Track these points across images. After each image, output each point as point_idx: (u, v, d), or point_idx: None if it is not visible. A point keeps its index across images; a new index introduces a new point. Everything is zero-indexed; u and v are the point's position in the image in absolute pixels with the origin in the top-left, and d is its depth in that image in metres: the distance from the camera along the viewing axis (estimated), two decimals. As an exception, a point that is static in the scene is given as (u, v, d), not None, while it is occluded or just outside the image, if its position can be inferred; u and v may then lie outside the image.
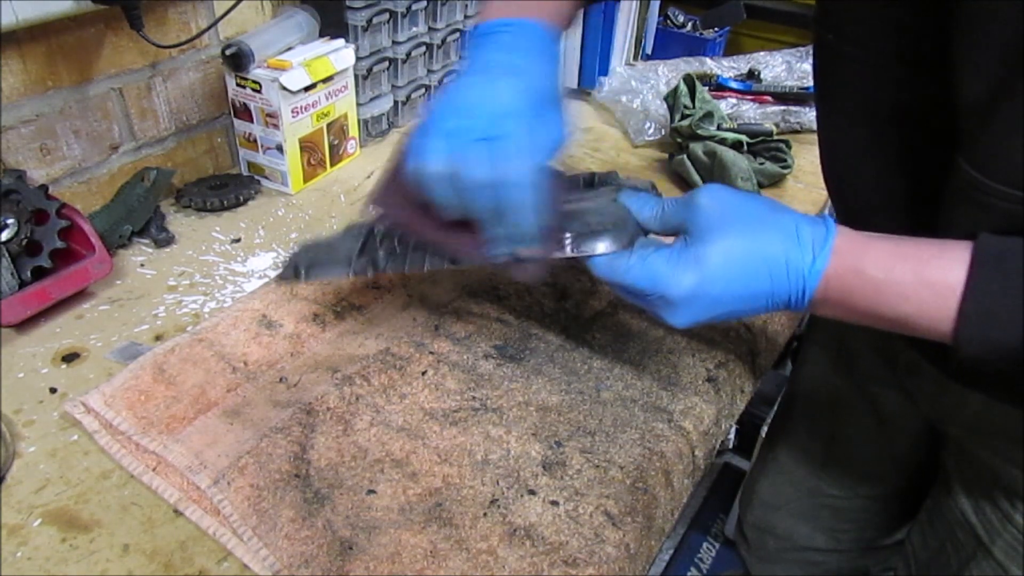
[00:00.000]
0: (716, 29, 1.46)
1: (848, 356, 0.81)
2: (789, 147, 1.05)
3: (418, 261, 0.60)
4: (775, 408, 1.01)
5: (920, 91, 0.49)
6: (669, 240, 0.52)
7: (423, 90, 1.19)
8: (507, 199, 0.49)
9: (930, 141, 0.49)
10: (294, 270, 0.66)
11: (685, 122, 1.05)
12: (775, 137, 1.06)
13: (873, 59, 0.51)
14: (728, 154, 0.98)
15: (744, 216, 0.48)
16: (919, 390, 0.70)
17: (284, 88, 0.90)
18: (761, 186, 1.03)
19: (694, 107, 1.07)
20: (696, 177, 1.00)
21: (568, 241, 0.53)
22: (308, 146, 0.98)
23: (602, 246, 0.52)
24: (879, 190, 0.55)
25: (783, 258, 0.46)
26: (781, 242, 0.47)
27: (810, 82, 1.24)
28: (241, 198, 0.94)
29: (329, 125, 1.01)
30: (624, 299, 0.54)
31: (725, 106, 1.19)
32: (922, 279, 0.43)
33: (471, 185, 0.49)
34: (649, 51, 1.45)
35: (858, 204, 0.48)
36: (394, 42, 1.09)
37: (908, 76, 0.49)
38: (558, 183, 0.56)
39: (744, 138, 1.02)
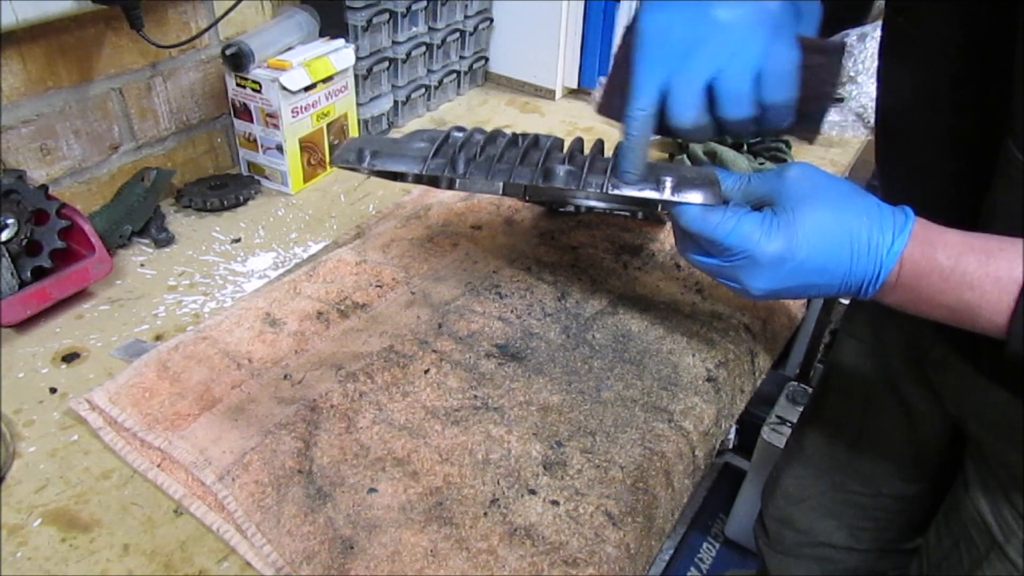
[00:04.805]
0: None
1: (881, 351, 0.82)
2: (789, 147, 1.05)
3: (500, 180, 0.58)
4: (806, 402, 1.01)
5: (979, 79, 0.50)
6: None
7: (423, 90, 1.19)
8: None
9: (983, 127, 0.50)
10: (357, 154, 0.59)
11: (685, 122, 1.04)
12: (775, 137, 1.06)
13: (938, 44, 0.53)
14: (728, 154, 0.98)
15: (833, 192, 0.50)
16: (945, 385, 0.71)
17: (284, 88, 0.90)
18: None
19: (694, 107, 1.06)
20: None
21: (669, 183, 0.53)
22: (308, 146, 0.98)
23: (700, 196, 0.52)
24: (930, 173, 0.57)
25: (866, 236, 0.47)
26: (867, 221, 0.48)
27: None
28: (241, 198, 0.94)
29: (329, 125, 1.01)
30: (695, 262, 0.55)
31: (725, 106, 1.18)
32: (987, 270, 0.44)
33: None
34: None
35: (907, 185, 0.49)
36: (394, 42, 1.09)
37: (969, 64, 0.51)
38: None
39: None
